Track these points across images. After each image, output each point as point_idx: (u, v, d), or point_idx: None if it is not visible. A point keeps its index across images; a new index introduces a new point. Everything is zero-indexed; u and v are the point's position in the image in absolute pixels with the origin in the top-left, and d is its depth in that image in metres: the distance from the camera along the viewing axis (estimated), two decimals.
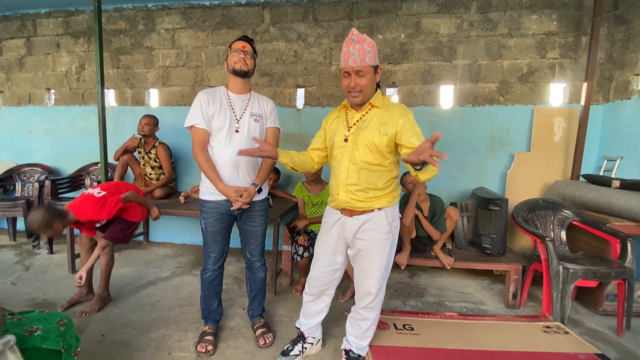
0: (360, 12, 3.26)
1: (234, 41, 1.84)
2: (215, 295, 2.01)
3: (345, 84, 1.53)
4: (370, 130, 1.51)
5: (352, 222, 1.60)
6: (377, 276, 1.60)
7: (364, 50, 1.46)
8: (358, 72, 1.48)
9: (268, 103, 1.91)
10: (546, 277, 2.21)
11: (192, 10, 3.55)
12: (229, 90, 1.85)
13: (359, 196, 1.55)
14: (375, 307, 1.67)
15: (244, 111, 1.83)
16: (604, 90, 3.01)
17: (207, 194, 1.85)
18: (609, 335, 2.14)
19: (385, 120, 1.50)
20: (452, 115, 3.23)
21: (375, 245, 1.58)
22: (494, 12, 3.08)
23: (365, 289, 1.64)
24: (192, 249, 3.64)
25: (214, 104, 1.78)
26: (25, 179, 3.81)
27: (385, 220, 1.57)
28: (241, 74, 1.79)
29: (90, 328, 2.07)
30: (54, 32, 3.83)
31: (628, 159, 2.73)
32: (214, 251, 1.91)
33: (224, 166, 1.79)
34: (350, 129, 1.57)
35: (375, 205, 1.56)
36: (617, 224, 2.29)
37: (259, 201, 1.90)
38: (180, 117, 3.62)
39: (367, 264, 1.60)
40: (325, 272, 1.73)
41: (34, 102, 3.99)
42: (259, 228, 1.94)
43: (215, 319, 2.03)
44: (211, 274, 1.94)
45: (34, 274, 2.86)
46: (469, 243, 2.77)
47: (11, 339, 1.07)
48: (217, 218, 1.85)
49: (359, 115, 1.58)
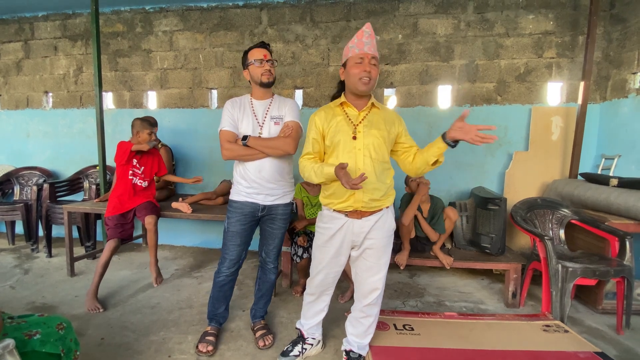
0: (357, 13, 3.26)
1: (250, 49, 1.85)
2: (224, 300, 2.02)
3: (357, 70, 1.50)
4: (379, 129, 1.55)
5: (362, 224, 1.58)
6: (384, 272, 1.65)
7: (375, 44, 1.54)
8: (371, 60, 1.51)
9: (287, 103, 1.91)
10: (545, 275, 2.22)
11: (190, 12, 3.55)
12: (252, 97, 1.91)
13: (376, 195, 1.55)
14: (378, 302, 1.70)
15: (265, 116, 1.86)
16: (601, 89, 3.02)
17: (235, 194, 1.89)
18: (609, 334, 2.14)
19: (388, 120, 1.59)
20: (450, 115, 3.23)
21: (384, 242, 1.63)
22: (490, 12, 3.09)
23: (372, 286, 1.65)
24: (192, 251, 3.63)
25: (239, 110, 1.86)
26: (23, 183, 3.80)
27: (392, 218, 1.65)
28: (268, 86, 1.85)
29: (90, 331, 2.07)
30: (52, 35, 3.83)
31: (626, 157, 2.74)
32: (231, 254, 1.90)
33: (249, 169, 1.84)
34: (357, 127, 1.56)
35: (385, 204, 1.60)
36: (615, 222, 2.29)
37: (283, 204, 1.93)
38: (178, 119, 3.65)
39: (375, 261, 1.63)
40: (329, 274, 1.72)
41: (32, 106, 3.99)
42: (279, 231, 1.95)
43: (219, 322, 2.05)
44: (224, 278, 1.93)
45: (33, 277, 2.86)
46: (468, 242, 2.78)
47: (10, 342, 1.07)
48: (239, 219, 1.87)
49: (364, 113, 1.58)
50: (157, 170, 2.77)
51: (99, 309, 2.29)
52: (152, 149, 2.66)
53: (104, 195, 3.04)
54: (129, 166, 2.58)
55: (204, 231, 3.74)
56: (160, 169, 2.78)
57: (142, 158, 2.64)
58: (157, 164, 2.76)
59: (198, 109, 3.64)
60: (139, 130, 2.63)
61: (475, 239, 2.64)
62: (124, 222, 2.55)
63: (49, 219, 3.30)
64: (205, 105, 3.63)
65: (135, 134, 2.66)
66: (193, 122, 3.64)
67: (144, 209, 2.57)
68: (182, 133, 3.66)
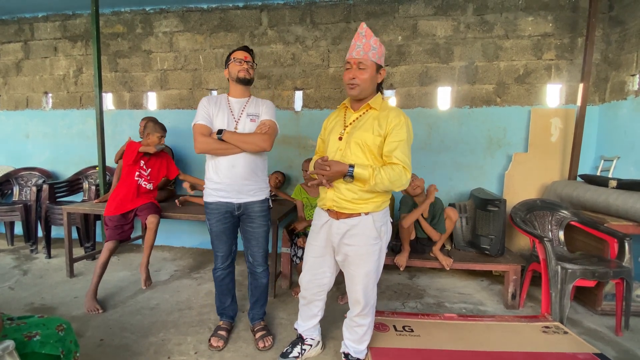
0: (357, 14, 3.27)
1: (233, 50, 1.91)
2: (228, 292, 2.06)
3: (346, 76, 1.55)
4: (364, 130, 1.53)
5: (339, 225, 1.58)
6: (365, 283, 1.59)
7: (369, 45, 1.50)
8: (359, 64, 1.51)
9: (264, 103, 1.95)
10: (545, 277, 2.22)
11: (190, 14, 3.56)
12: (229, 96, 1.94)
13: (347, 195, 1.53)
14: (368, 314, 1.66)
15: (242, 112, 1.89)
16: (600, 91, 3.03)
17: (209, 195, 1.89)
18: (608, 335, 2.15)
19: (380, 122, 1.52)
20: (449, 117, 3.24)
21: (362, 251, 1.56)
22: (490, 14, 3.10)
23: (354, 297, 1.64)
24: (191, 252, 3.63)
25: (215, 106, 1.89)
26: (22, 183, 3.79)
27: (372, 226, 1.55)
28: (244, 82, 1.88)
29: (89, 333, 2.07)
30: (52, 35, 3.84)
31: (625, 158, 2.75)
32: (221, 251, 1.95)
33: (222, 164, 1.83)
34: (346, 128, 1.59)
35: (362, 209, 1.54)
36: (614, 223, 2.30)
37: (258, 201, 1.90)
38: (178, 120, 3.64)
39: (355, 270, 1.59)
40: (315, 275, 1.73)
41: (32, 106, 3.99)
42: (259, 230, 1.92)
43: (229, 315, 2.09)
44: (221, 272, 1.99)
45: (32, 278, 2.85)
46: (467, 244, 2.78)
47: (10, 344, 1.07)
48: (219, 219, 1.88)
49: (356, 115, 1.60)
50: (167, 173, 2.72)
51: (98, 310, 2.29)
52: (160, 152, 2.62)
53: (104, 196, 3.04)
54: (136, 167, 2.55)
55: (203, 232, 3.73)
56: (170, 171, 2.74)
57: (149, 160, 2.61)
58: (165, 167, 2.71)
59: None
60: (150, 132, 2.59)
61: (475, 240, 2.65)
62: (124, 222, 2.53)
63: (48, 220, 3.30)
64: None
65: (145, 135, 2.62)
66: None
67: (147, 208, 2.55)
68: (181, 134, 3.65)
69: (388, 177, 1.44)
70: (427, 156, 3.26)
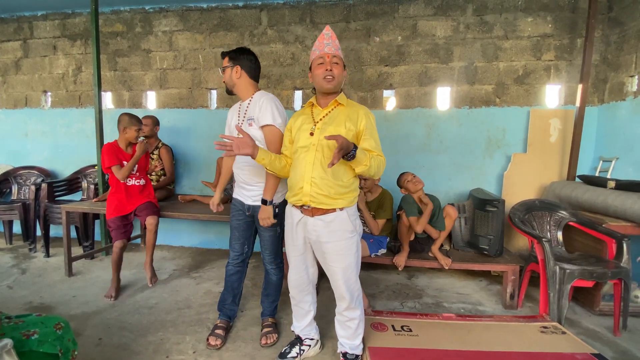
0: (357, 14, 3.27)
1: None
2: (232, 290, 2.09)
3: (320, 70, 1.58)
4: (337, 125, 1.57)
5: (315, 223, 1.59)
6: (347, 277, 1.62)
7: (336, 44, 1.63)
8: (333, 59, 1.58)
9: (260, 103, 1.81)
10: (543, 277, 2.23)
11: (190, 13, 3.56)
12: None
13: (324, 190, 1.53)
14: (356, 306, 1.68)
15: (244, 116, 1.90)
16: (599, 92, 3.03)
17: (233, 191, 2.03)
18: (606, 335, 2.15)
19: (351, 117, 1.59)
20: (448, 117, 3.24)
21: (342, 245, 1.59)
22: (489, 15, 3.11)
23: (338, 292, 1.65)
24: (190, 251, 3.63)
25: (231, 113, 2.01)
26: (21, 182, 3.79)
27: (348, 220, 1.60)
28: (227, 92, 1.97)
29: (88, 331, 2.06)
30: (51, 34, 3.83)
31: (623, 159, 2.75)
32: (233, 249, 2.03)
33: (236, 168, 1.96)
34: (317, 124, 1.61)
35: (338, 205, 1.57)
36: (612, 224, 2.30)
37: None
38: (177, 120, 3.64)
39: (336, 265, 1.61)
40: (299, 273, 1.76)
41: (31, 105, 3.98)
42: (265, 234, 1.94)
43: (227, 314, 2.10)
44: (231, 268, 2.06)
45: (31, 277, 2.85)
46: (466, 244, 2.78)
47: (8, 342, 1.07)
48: (234, 214, 2.00)
49: (326, 111, 1.64)
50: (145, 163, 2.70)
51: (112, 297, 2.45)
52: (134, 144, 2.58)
53: (102, 195, 3.04)
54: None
55: (202, 231, 3.74)
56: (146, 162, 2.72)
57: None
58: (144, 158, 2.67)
59: (197, 109, 3.63)
60: (127, 127, 2.51)
61: (474, 240, 2.65)
62: (126, 222, 2.55)
63: (47, 219, 3.29)
64: (205, 106, 3.62)
65: (122, 130, 2.53)
66: (192, 122, 3.64)
67: (145, 209, 2.56)
68: (181, 133, 3.66)
69: (376, 164, 1.53)
70: (427, 156, 3.25)
